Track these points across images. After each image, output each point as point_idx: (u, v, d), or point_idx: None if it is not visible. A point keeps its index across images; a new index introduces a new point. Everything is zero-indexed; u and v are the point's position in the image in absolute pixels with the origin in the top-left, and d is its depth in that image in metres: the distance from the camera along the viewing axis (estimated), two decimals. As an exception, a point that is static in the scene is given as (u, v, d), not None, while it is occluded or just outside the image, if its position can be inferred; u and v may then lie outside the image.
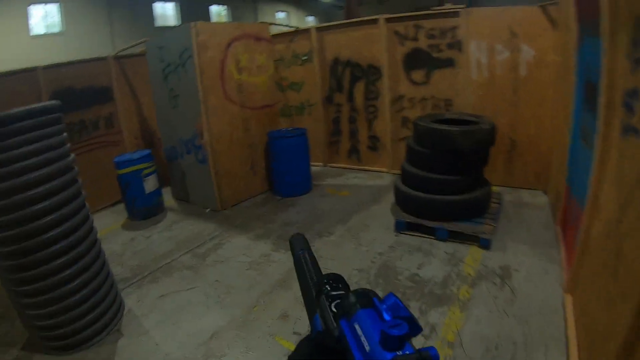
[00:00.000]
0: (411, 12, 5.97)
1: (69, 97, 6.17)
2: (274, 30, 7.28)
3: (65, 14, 15.80)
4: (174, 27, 4.65)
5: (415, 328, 0.52)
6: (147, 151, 6.04)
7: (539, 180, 5.45)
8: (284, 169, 6.06)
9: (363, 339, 0.52)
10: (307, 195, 6.13)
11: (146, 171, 5.82)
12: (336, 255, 4.31)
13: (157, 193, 6.10)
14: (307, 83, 7.26)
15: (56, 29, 15.66)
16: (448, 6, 5.69)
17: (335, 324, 0.60)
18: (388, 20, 6.09)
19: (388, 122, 6.48)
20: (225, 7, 23.40)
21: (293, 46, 7.19)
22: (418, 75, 6.09)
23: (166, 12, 20.07)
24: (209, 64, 5.31)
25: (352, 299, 0.60)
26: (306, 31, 7.03)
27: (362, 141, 6.99)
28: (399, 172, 4.97)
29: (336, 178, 6.83)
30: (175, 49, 5.47)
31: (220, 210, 5.86)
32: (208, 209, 5.96)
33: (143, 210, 5.97)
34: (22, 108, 3.13)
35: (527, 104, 5.31)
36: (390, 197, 5.14)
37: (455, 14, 5.55)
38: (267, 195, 6.34)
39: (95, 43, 15.46)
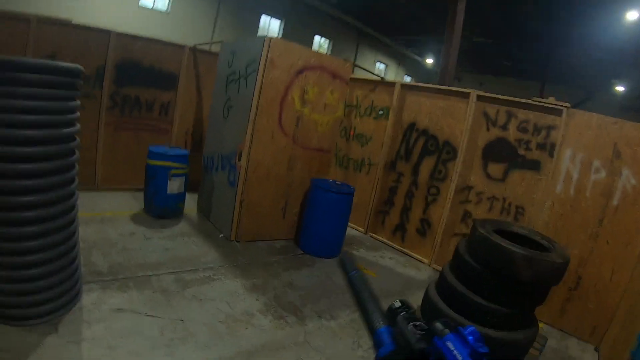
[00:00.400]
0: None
1: (133, 71, 6.13)
2: (358, 72, 6.84)
3: (175, -4, 16.54)
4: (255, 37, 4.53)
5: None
6: (185, 152, 5.72)
7: (594, 334, 4.49)
8: (317, 225, 5.44)
9: (455, 352, 0.86)
10: (330, 259, 5.44)
11: (175, 171, 5.47)
12: (325, 349, 3.55)
13: (179, 197, 5.73)
14: (374, 140, 6.70)
15: (163, 8, 16.47)
16: (551, 100, 4.95)
17: (417, 340, 0.98)
18: (480, 97, 5.46)
19: (446, 211, 5.71)
20: (328, 40, 23.76)
21: (372, 96, 6.70)
22: (495, 169, 5.34)
23: (271, 27, 20.63)
24: (272, 84, 4.95)
25: (441, 324, 1.00)
26: (390, 85, 6.53)
27: (412, 221, 6.23)
28: (439, 268, 4.16)
29: (370, 252, 6.09)
30: (244, 58, 5.20)
31: (232, 240, 5.37)
32: (222, 235, 5.48)
33: (159, 209, 5.61)
34: (41, 60, 2.85)
35: (611, 241, 4.40)
36: (418, 298, 4.33)
37: (556, 112, 4.82)
38: (288, 244, 5.74)
39: (196, 31, 16.00)
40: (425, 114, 6.08)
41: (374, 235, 6.73)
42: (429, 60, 28.30)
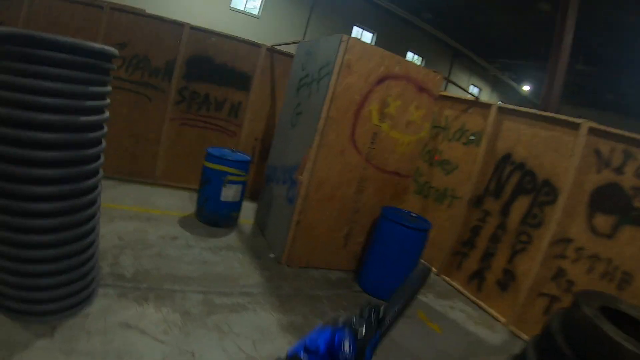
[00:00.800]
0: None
1: (204, 67, 5.86)
2: (449, 90, 5.96)
3: (266, 3, 16.68)
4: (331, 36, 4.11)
5: None
6: (246, 158, 5.23)
7: None
8: (382, 261, 4.60)
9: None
10: (388, 302, 4.56)
11: (232, 178, 4.99)
12: None
13: (234, 206, 5.24)
14: (461, 169, 5.73)
15: (254, 11, 16.65)
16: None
17: None
18: (592, 130, 4.29)
19: (537, 264, 4.59)
20: (421, 58, 22.72)
21: (464, 118, 5.76)
22: (603, 222, 4.16)
23: (363, 39, 20.12)
24: (347, 92, 4.29)
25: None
26: (485, 107, 5.52)
27: (494, 270, 5.16)
28: (517, 332, 3.17)
29: (439, 299, 5.11)
30: (318, 60, 4.60)
31: (282, 264, 4.72)
32: (272, 255, 4.87)
33: (209, 216, 5.16)
34: (73, 39, 2.45)
35: None
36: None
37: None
38: (345, 277, 4.96)
39: (286, 38, 15.94)
40: (524, 145, 5.02)
41: (446, 278, 5.72)
42: (526, 87, 26.08)
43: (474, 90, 27.24)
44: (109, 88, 2.77)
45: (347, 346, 1.04)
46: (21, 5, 5.00)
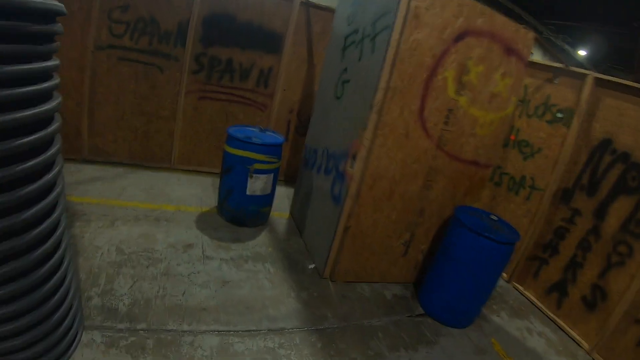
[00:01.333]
0: None
1: (225, 27, 4.76)
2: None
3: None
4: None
5: None
6: (278, 139, 4.16)
7: None
8: (452, 279, 3.51)
9: None
10: (462, 330, 3.51)
11: (260, 166, 3.93)
12: None
13: (264, 201, 4.23)
14: (544, 153, 4.47)
15: None
16: None
17: None
18: None
19: (637, 284, 3.41)
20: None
21: (549, 90, 4.42)
22: None
23: None
24: (414, 52, 3.07)
25: None
26: (578, 77, 4.16)
27: (580, 284, 4.01)
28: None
29: (513, 319, 3.99)
30: (372, 9, 3.36)
31: (324, 277, 3.71)
32: (312, 266, 3.86)
33: (232, 213, 4.19)
34: None
35: None
36: None
37: None
38: (404, 293, 3.90)
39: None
40: (629, 130, 3.70)
41: (519, 287, 4.56)
42: (582, 52, 23.27)
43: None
44: (51, 63, 1.70)
45: None
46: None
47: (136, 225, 3.78)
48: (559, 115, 4.37)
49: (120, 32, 4.48)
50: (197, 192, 4.77)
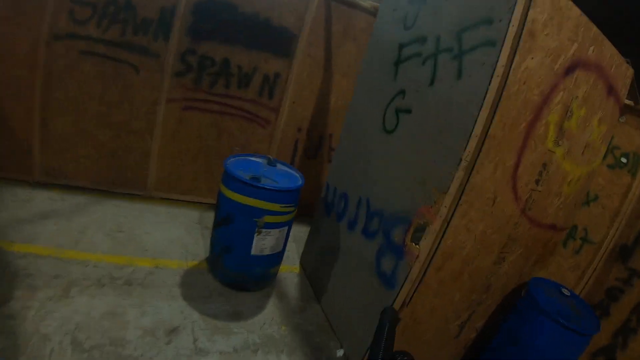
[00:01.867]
0: None
1: (223, 18, 3.70)
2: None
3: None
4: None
5: None
6: (298, 179, 3.18)
7: None
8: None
9: None
10: None
11: (273, 218, 2.92)
12: None
13: (273, 260, 3.30)
14: (601, 202, 3.86)
15: None
16: None
17: None
18: None
19: None
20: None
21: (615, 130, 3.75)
22: None
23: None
24: (522, 86, 2.14)
25: None
26: None
27: (632, 352, 3.47)
28: None
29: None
30: (451, 12, 2.41)
31: (356, 367, 2.75)
32: (341, 353, 2.90)
33: (231, 275, 3.20)
34: None
35: None
36: None
37: None
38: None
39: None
40: None
41: None
42: None
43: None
44: None
45: None
46: None
47: (99, 295, 2.71)
48: (623, 160, 3.76)
49: (85, 18, 3.32)
50: (180, 234, 3.69)
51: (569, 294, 2.91)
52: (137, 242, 3.37)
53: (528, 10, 1.99)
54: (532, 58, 2.08)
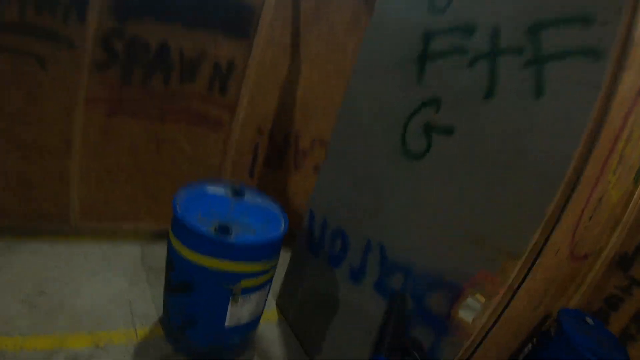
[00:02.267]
0: None
1: None
2: None
3: None
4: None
5: None
6: (272, 211, 2.48)
7: None
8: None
9: None
10: None
11: (251, 282, 2.17)
12: None
13: (252, 326, 2.56)
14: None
15: None
16: None
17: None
18: None
19: None
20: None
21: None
22: None
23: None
24: (618, 110, 1.59)
25: None
26: None
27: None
28: None
29: None
30: (516, 10, 1.73)
31: None
32: None
33: (199, 349, 2.44)
34: None
35: None
36: None
37: None
38: None
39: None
40: None
41: None
42: None
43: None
44: None
45: None
46: None
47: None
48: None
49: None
50: (122, 287, 2.82)
51: (592, 323, 2.67)
52: (66, 310, 2.48)
53: (636, 11, 1.40)
54: (628, 76, 1.52)
